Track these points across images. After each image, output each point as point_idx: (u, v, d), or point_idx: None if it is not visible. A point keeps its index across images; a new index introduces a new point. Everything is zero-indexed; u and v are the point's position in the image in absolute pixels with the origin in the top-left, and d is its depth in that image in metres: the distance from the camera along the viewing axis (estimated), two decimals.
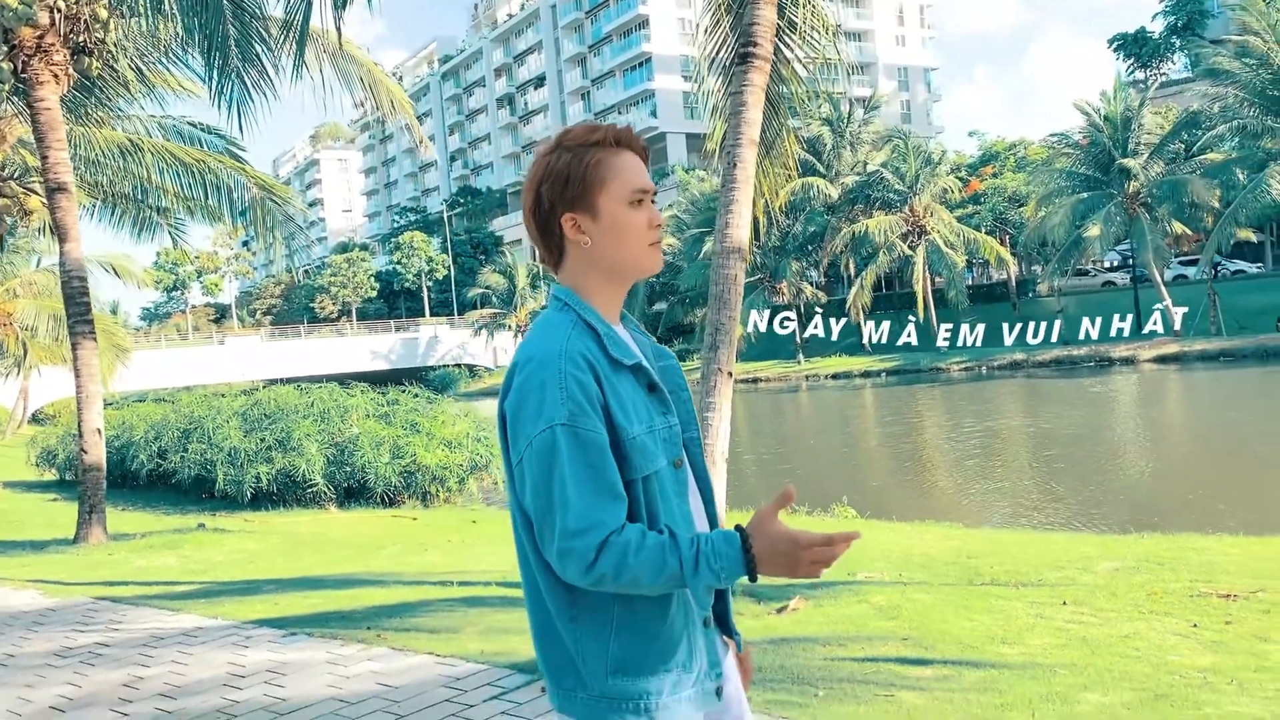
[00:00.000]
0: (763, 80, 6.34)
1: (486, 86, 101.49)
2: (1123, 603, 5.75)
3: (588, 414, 1.56)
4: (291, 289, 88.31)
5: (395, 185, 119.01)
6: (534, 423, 1.56)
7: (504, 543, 9.65)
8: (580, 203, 1.67)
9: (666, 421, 1.68)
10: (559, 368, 1.57)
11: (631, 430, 1.60)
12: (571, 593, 1.61)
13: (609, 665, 1.61)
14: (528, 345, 1.65)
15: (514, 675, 4.61)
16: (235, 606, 6.54)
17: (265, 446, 13.19)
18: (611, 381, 1.61)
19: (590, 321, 1.66)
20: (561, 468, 1.53)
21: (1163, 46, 65.95)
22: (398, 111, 13.03)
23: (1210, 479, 14.50)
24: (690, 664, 1.65)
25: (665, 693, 1.62)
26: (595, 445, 1.56)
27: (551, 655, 1.67)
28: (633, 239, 1.70)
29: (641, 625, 1.62)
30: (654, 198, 1.74)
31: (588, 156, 1.68)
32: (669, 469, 1.65)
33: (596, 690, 1.62)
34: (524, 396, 1.58)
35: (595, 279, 1.71)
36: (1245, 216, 35.63)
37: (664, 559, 1.52)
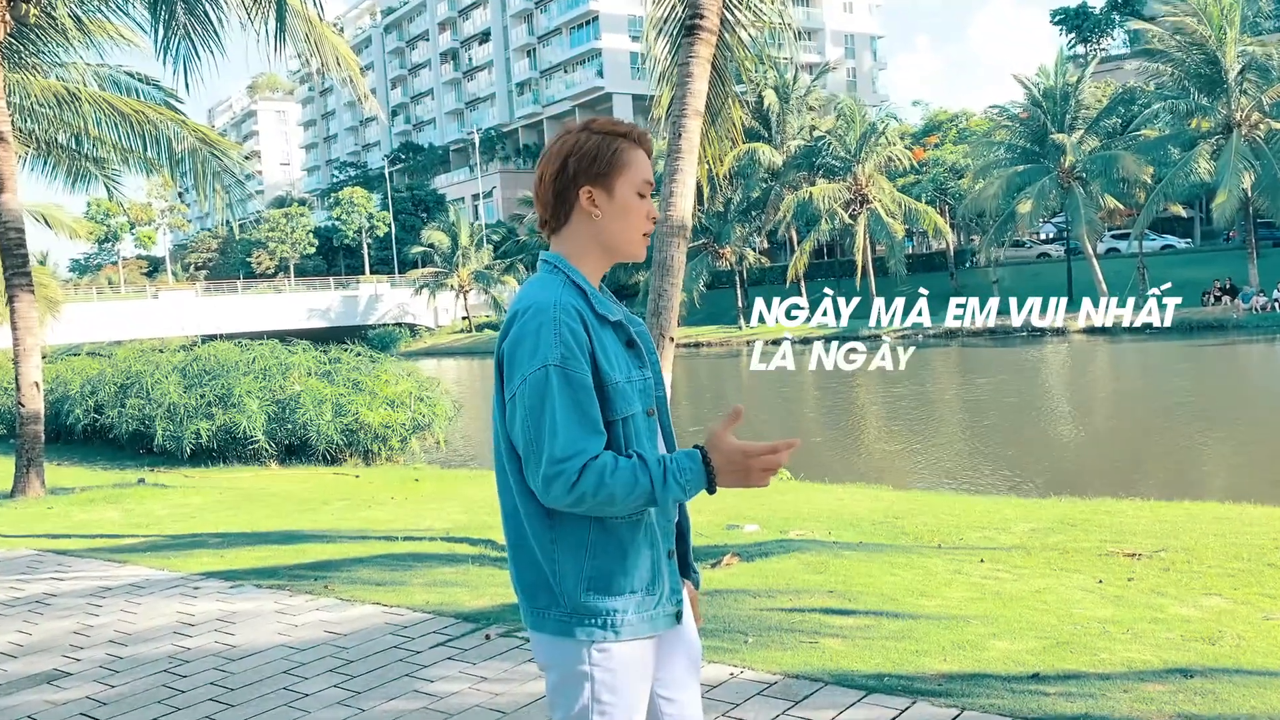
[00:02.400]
0: (708, 53, 6.49)
1: (430, 40, 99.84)
2: (1036, 561, 6.10)
3: (577, 358, 1.78)
4: (228, 243, 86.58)
5: (335, 139, 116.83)
6: (529, 362, 1.78)
7: (445, 500, 9.81)
8: (601, 180, 1.91)
9: (642, 374, 1.92)
10: (554, 315, 1.80)
11: (614, 376, 1.83)
12: (550, 517, 1.83)
13: (582, 584, 1.83)
14: (525, 296, 1.88)
15: (459, 624, 4.81)
16: (182, 559, 6.64)
17: (205, 403, 13.15)
18: (598, 333, 1.84)
19: (578, 282, 1.89)
20: (552, 402, 1.75)
21: (1103, 22, 67.08)
22: (342, 67, 12.93)
23: (1130, 446, 15.10)
24: (654, 587, 1.88)
25: (631, 610, 1.84)
26: (582, 385, 1.78)
27: (526, 576, 1.88)
28: (632, 224, 1.94)
29: (613, 548, 1.83)
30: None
31: (615, 143, 1.93)
32: (643, 415, 1.88)
33: (569, 607, 1.83)
34: (521, 338, 1.80)
35: (590, 250, 1.94)
36: (1175, 192, 36.63)
37: (636, 477, 1.74)
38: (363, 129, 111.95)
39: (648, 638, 1.87)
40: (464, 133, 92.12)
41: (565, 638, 1.83)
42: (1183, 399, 20.19)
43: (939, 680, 3.78)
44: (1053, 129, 40.06)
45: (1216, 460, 13.70)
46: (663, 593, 1.89)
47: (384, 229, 77.67)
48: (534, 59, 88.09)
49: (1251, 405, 18.77)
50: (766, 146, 46.91)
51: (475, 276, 61.78)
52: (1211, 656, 4.01)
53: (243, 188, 16.83)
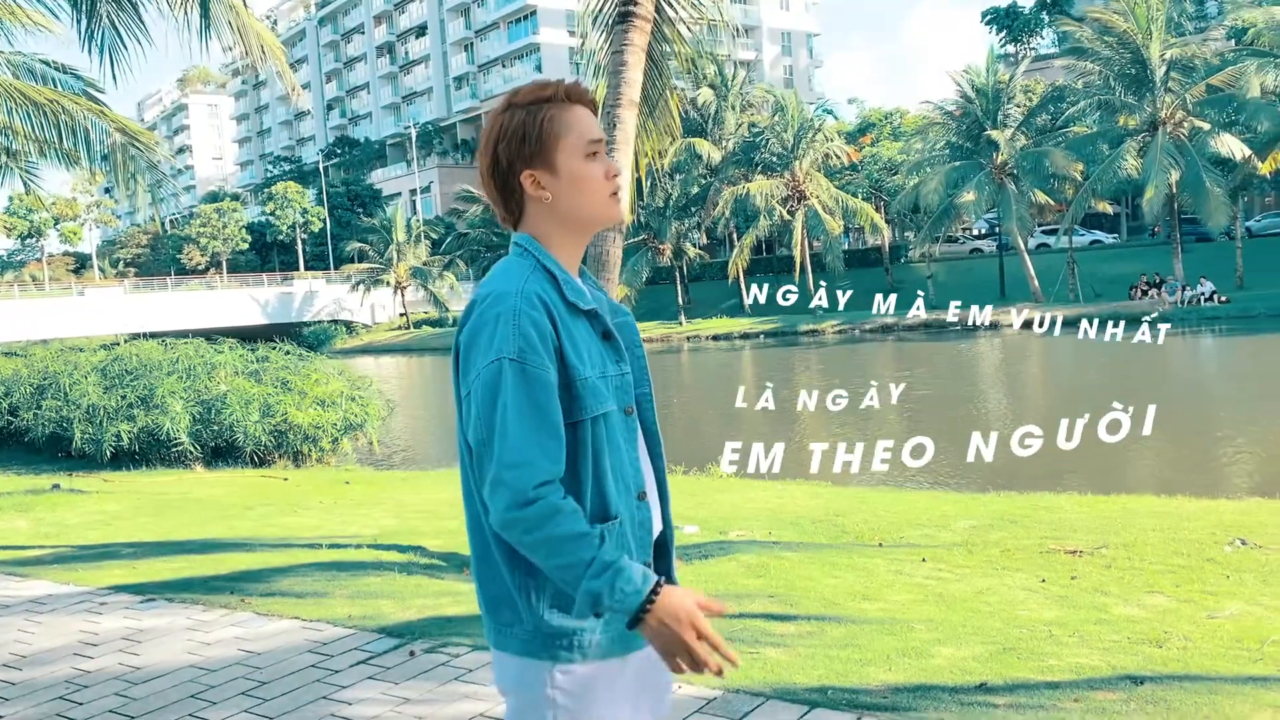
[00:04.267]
0: (643, 40, 6.30)
1: (366, 34, 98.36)
2: (978, 559, 6.02)
3: (538, 352, 1.58)
4: (158, 239, 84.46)
5: (269, 133, 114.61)
6: (484, 355, 1.59)
7: (375, 505, 9.51)
8: (538, 159, 1.69)
9: (619, 369, 1.72)
10: (513, 305, 1.60)
11: (583, 371, 1.63)
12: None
13: (546, 600, 1.63)
14: (486, 284, 1.68)
15: (382, 639, 4.56)
16: (90, 572, 6.27)
17: (126, 404, 12.65)
18: (566, 324, 1.64)
19: (549, 267, 1.68)
20: (505, 400, 1.56)
21: (1033, 21, 68.12)
22: (268, 58, 12.51)
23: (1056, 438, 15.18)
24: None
25: (599, 630, 1.65)
26: (541, 382, 1.58)
27: (490, 590, 1.69)
28: (592, 191, 1.72)
29: None
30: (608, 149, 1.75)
31: (541, 113, 1.70)
32: (619, 414, 1.68)
33: (532, 625, 1.64)
34: (477, 330, 1.61)
35: (557, 233, 1.73)
36: (1103, 189, 37.30)
37: (579, 548, 1.53)
38: (297, 123, 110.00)
39: (618, 657, 1.68)
40: (401, 127, 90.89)
41: (528, 658, 1.64)
42: (1112, 391, 20.46)
43: (885, 692, 3.63)
44: (987, 126, 40.57)
45: (1139, 452, 13.84)
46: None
47: (319, 224, 76.27)
48: (471, 53, 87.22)
49: (1175, 397, 19.08)
50: (705, 141, 46.90)
51: (413, 273, 60.92)
52: (1160, 660, 3.92)
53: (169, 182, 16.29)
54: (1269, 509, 7.09)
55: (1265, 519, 6.69)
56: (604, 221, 1.75)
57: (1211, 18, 49.96)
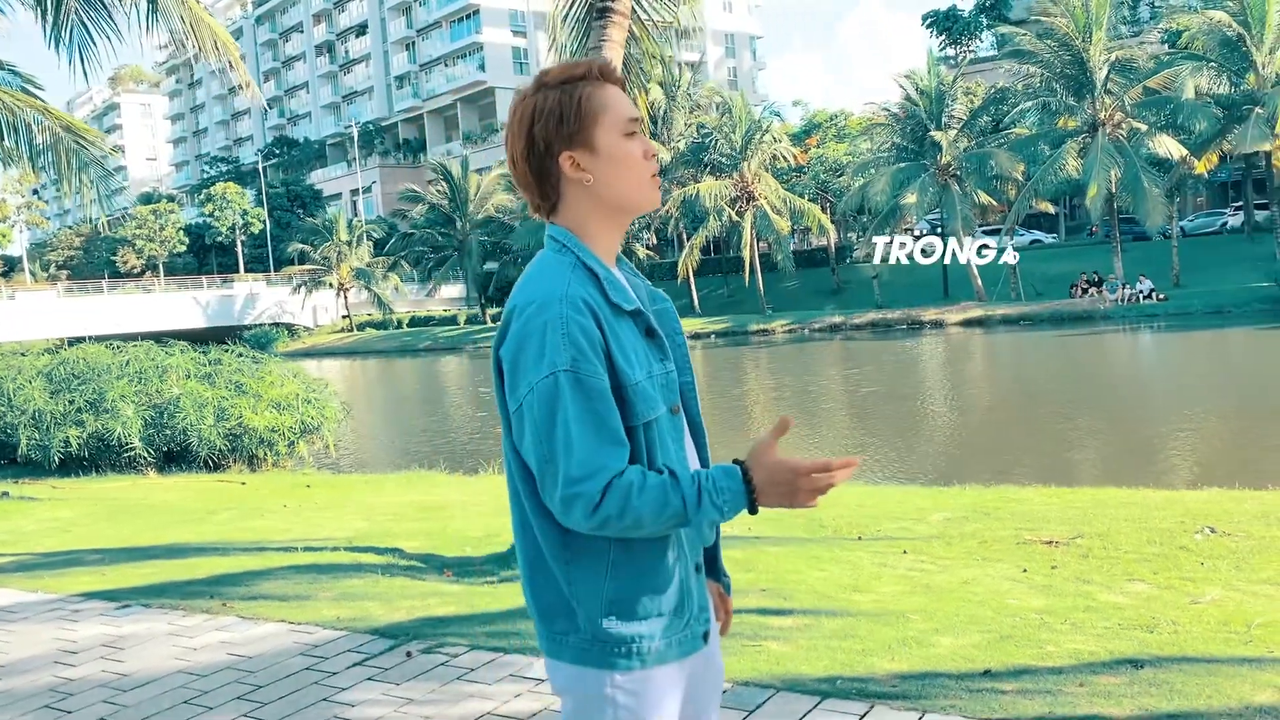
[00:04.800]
0: (621, 36, 6.28)
1: (305, 33, 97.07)
2: (957, 551, 6.09)
3: (590, 359, 1.54)
4: (92, 241, 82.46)
5: (205, 133, 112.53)
6: (536, 368, 1.53)
7: (341, 508, 9.36)
8: (578, 139, 1.63)
9: (664, 368, 1.67)
10: (560, 311, 1.54)
11: (634, 376, 1.59)
12: (566, 534, 1.60)
13: (603, 608, 1.60)
14: (526, 288, 1.61)
15: (376, 640, 4.49)
16: (57, 579, 6.10)
17: (75, 409, 12.31)
18: (613, 326, 1.59)
19: (590, 264, 1.63)
20: (565, 414, 1.51)
21: (972, 25, 69.31)
22: (220, 52, 12.27)
23: (1010, 432, 15.49)
24: (683, 608, 1.65)
25: (657, 636, 1.62)
26: (598, 391, 1.54)
27: (543, 598, 1.65)
28: (634, 171, 1.66)
29: (637, 568, 1.61)
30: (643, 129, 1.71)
31: (577, 91, 1.64)
32: (667, 415, 1.64)
33: (589, 633, 1.61)
34: (524, 341, 1.55)
35: (597, 218, 1.67)
36: (1044, 189, 38.07)
37: (666, 497, 1.51)
38: (234, 123, 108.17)
39: (676, 661, 1.65)
40: (341, 127, 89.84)
41: (585, 666, 1.61)
42: (1053, 386, 20.89)
43: (892, 681, 3.65)
44: (930, 127, 41.15)
45: (1087, 444, 14.14)
46: (691, 613, 1.67)
47: (259, 226, 75.04)
48: (413, 52, 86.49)
49: (1117, 391, 19.52)
50: (656, 142, 46.96)
51: (356, 274, 60.16)
52: (1155, 645, 3.99)
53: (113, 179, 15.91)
54: (1230, 498, 7.27)
55: (1229, 507, 6.85)
56: (644, 205, 1.69)
57: (1144, 22, 51.29)
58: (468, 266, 57.75)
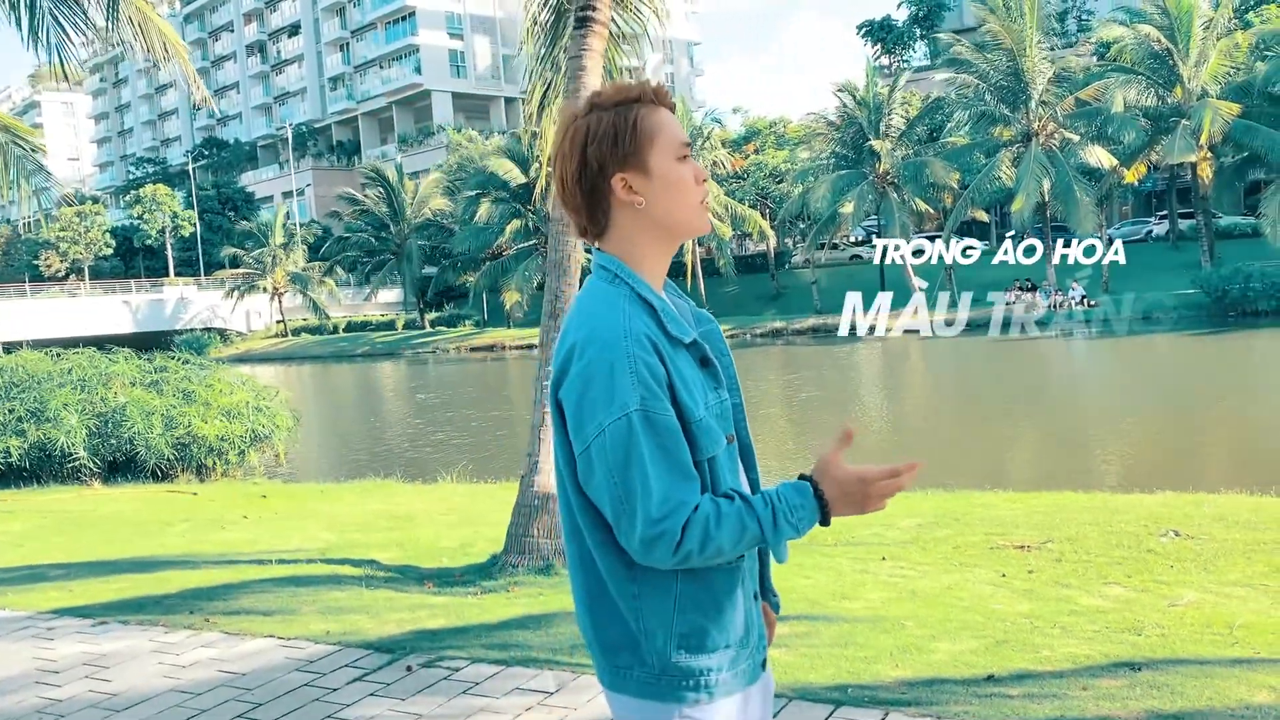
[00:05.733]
0: (601, 45, 6.30)
1: (235, 32, 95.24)
2: (933, 556, 6.20)
3: (659, 397, 1.53)
4: (11, 244, 79.94)
5: (130, 133, 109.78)
6: (606, 410, 1.51)
7: (305, 518, 9.22)
8: (632, 161, 1.62)
9: (719, 397, 1.66)
10: (626, 349, 1.53)
11: (697, 412, 1.58)
12: (632, 569, 1.59)
13: (674, 642, 1.59)
14: (584, 324, 1.58)
15: (372, 655, 4.44)
16: (21, 594, 5.91)
17: (15, 417, 11.92)
18: (674, 360, 1.57)
19: (645, 296, 1.61)
20: (640, 454, 1.50)
21: (906, 35, 70.55)
22: (170, 54, 12.00)
23: (954, 437, 15.77)
24: (747, 639, 1.66)
25: (725, 668, 1.62)
26: (669, 429, 1.53)
27: (606, 633, 1.64)
28: (685, 195, 1.65)
29: (706, 601, 1.60)
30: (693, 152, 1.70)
31: (631, 113, 1.63)
32: (725, 448, 1.63)
33: (657, 667, 1.60)
34: (590, 381, 1.53)
35: (647, 242, 1.66)
36: (980, 198, 38.83)
37: (744, 524, 1.52)
38: (161, 123, 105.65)
39: (741, 691, 1.66)
40: (273, 128, 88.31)
41: (652, 700, 1.60)
42: (993, 391, 21.33)
43: (900, 688, 3.71)
44: (869, 136, 41.74)
45: (1033, 449, 14.46)
46: (753, 642, 1.68)
47: (189, 229, 73.35)
48: (348, 53, 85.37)
49: (1057, 395, 19.99)
50: None
51: (292, 279, 59.14)
52: (1146, 648, 4.11)
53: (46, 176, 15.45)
54: (1188, 501, 7.49)
55: (1188, 511, 7.06)
56: (694, 230, 1.67)
57: (1072, 35, 52.63)
58: (406, 271, 57.10)
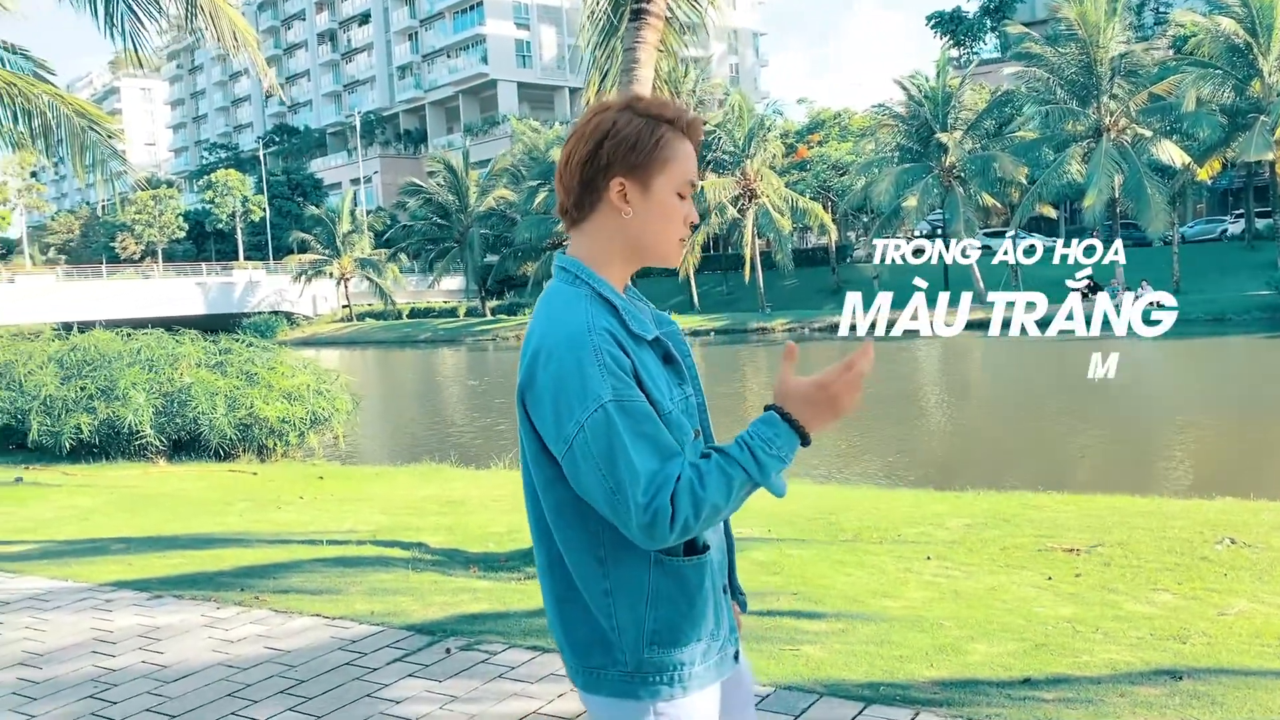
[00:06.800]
0: (655, 38, 6.31)
1: (306, 20, 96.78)
2: (980, 557, 6.13)
3: (629, 385, 1.55)
4: (90, 225, 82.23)
5: (205, 119, 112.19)
6: (581, 405, 1.52)
7: (360, 500, 9.40)
8: (638, 172, 1.64)
9: (684, 393, 1.68)
10: (592, 344, 1.54)
11: (665, 405, 1.59)
12: (603, 565, 1.61)
13: (645, 638, 1.61)
14: (548, 323, 1.60)
15: (414, 636, 4.52)
16: (85, 567, 6.12)
17: (86, 395, 12.31)
18: (637, 354, 1.59)
19: (606, 295, 1.63)
20: (621, 443, 1.51)
21: (976, 26, 69.36)
22: (240, 43, 12.26)
23: (1013, 436, 15.53)
24: (718, 631, 1.68)
25: (697, 661, 1.64)
26: (644, 414, 1.54)
27: (576, 633, 1.65)
28: (671, 227, 1.69)
29: (678, 594, 1.62)
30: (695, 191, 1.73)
31: (659, 131, 1.65)
32: (692, 442, 1.64)
33: (630, 665, 1.61)
34: (561, 380, 1.54)
35: (616, 251, 1.68)
36: (1048, 193, 38.11)
37: (727, 474, 1.52)
38: (234, 109, 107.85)
39: (714, 683, 1.68)
40: (342, 116, 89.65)
41: (626, 699, 1.62)
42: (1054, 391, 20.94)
43: (933, 688, 3.69)
44: (936, 129, 41.18)
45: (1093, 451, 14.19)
46: (724, 635, 1.70)
47: (259, 213, 74.87)
48: (416, 42, 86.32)
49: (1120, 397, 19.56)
50: None
51: (360, 264, 60.07)
52: (1190, 656, 4.04)
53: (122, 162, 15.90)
54: (1247, 509, 7.32)
55: (1246, 518, 6.90)
56: (664, 259, 1.70)
57: (1149, 28, 51.32)
58: (468, 259, 57.69)
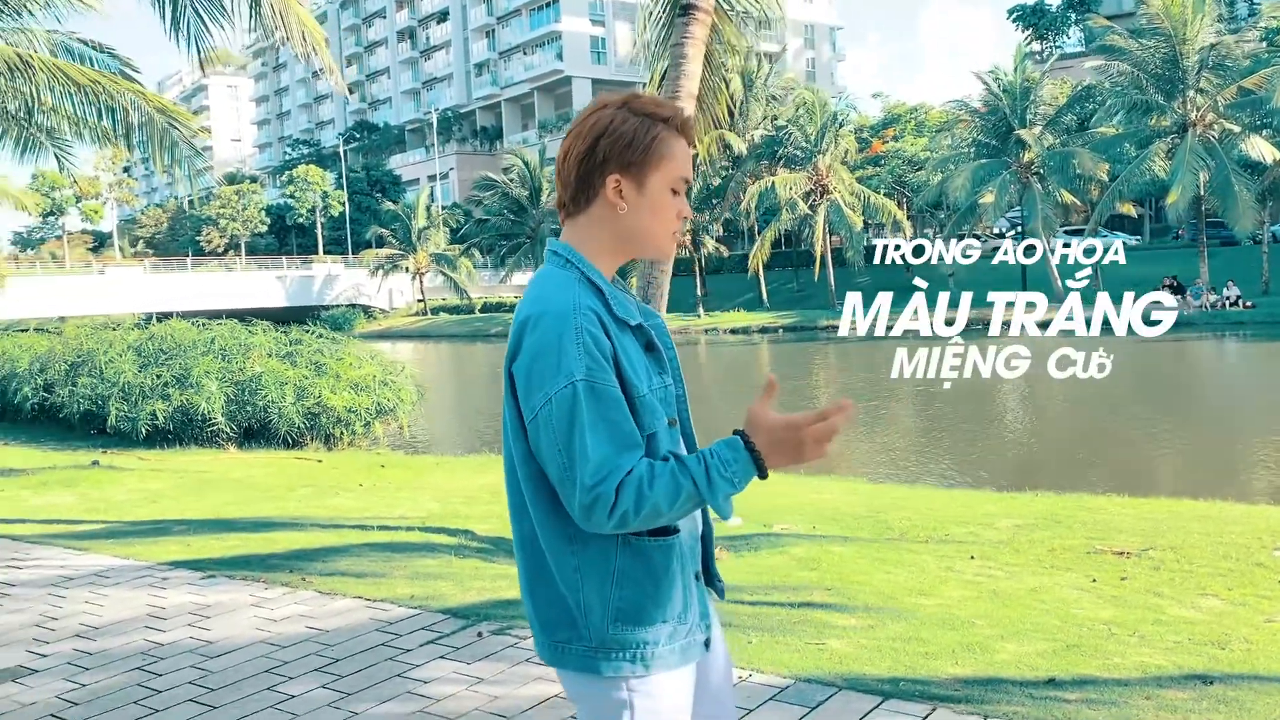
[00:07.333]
0: (703, 33, 6.34)
1: (387, 18, 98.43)
2: (1026, 558, 6.05)
3: (604, 368, 1.59)
4: (176, 219, 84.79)
5: (288, 116, 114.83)
6: (553, 378, 1.58)
7: (416, 489, 9.59)
8: (633, 169, 1.70)
9: (663, 381, 1.73)
10: (574, 322, 1.59)
11: (641, 388, 1.64)
12: (573, 543, 1.65)
13: (610, 615, 1.65)
14: (535, 301, 1.66)
15: (448, 620, 4.63)
16: (146, 547, 6.37)
17: (162, 383, 12.75)
18: (620, 340, 1.64)
19: (593, 279, 1.68)
20: (582, 422, 1.56)
21: (1059, 20, 67.81)
22: (306, 41, 12.56)
23: (1081, 440, 15.19)
24: (685, 615, 1.71)
25: (661, 642, 1.67)
26: (613, 399, 1.59)
27: (544, 608, 1.70)
28: (663, 221, 1.74)
29: (643, 576, 1.66)
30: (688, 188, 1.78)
31: (654, 129, 1.71)
32: (665, 428, 1.69)
33: (594, 641, 1.66)
34: (540, 351, 1.60)
35: (608, 243, 1.73)
36: (1130, 190, 37.08)
37: (677, 482, 1.55)
38: (317, 106, 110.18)
39: (683, 667, 1.71)
40: (420, 113, 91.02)
41: (590, 674, 1.67)
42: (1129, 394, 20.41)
43: (955, 685, 3.68)
44: (1014, 124, 40.37)
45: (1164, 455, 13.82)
46: (693, 620, 1.73)
47: (339, 208, 76.47)
48: (493, 40, 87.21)
49: (1198, 401, 19.03)
50: (732, 134, 46.80)
51: (435, 259, 61.04)
52: (1225, 662, 3.95)
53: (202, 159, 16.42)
54: None
55: None
56: (656, 253, 1.77)
57: (1241, 19, 49.60)
58: (540, 254, 58.19)
